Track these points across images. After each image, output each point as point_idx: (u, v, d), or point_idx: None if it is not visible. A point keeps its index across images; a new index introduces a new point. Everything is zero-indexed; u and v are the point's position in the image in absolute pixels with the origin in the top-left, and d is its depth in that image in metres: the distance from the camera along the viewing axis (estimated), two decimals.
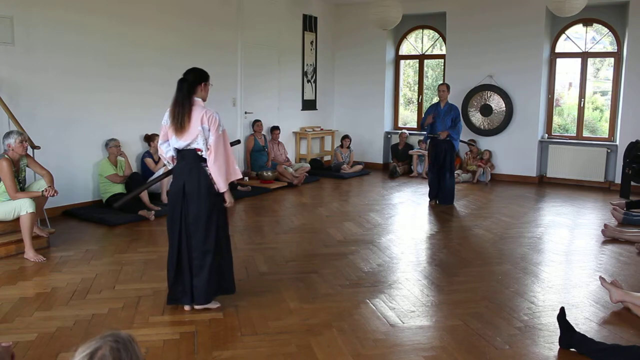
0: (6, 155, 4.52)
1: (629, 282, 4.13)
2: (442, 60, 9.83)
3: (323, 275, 4.23)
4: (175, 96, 3.38)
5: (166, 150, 3.50)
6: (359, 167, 9.59)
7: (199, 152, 3.37)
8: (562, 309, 3.15)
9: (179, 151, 3.44)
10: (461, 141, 8.59)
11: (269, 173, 8.18)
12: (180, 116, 3.32)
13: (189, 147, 3.38)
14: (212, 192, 3.41)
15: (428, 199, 7.23)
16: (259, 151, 8.49)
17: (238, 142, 4.40)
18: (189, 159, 3.40)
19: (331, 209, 6.68)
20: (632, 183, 7.27)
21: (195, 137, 3.32)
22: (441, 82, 9.34)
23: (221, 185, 3.38)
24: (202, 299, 3.48)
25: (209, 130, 3.32)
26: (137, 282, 4.04)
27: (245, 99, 8.52)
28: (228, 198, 3.47)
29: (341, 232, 5.61)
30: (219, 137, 3.33)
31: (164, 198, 6.51)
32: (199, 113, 3.32)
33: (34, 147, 5.29)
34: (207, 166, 3.37)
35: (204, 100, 3.43)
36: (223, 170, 3.36)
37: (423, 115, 7.40)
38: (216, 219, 3.45)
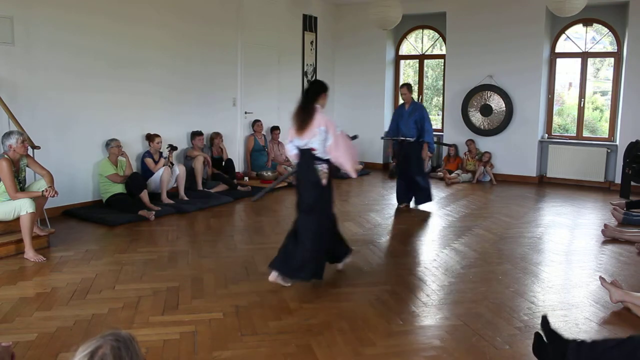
0: (6, 156, 4.52)
1: (629, 282, 4.13)
2: (442, 60, 9.83)
3: (323, 275, 4.22)
4: (300, 102, 4.00)
5: (290, 149, 4.09)
6: (359, 167, 9.55)
7: (314, 152, 3.91)
8: (545, 318, 2.80)
9: (299, 150, 3.99)
10: (439, 143, 8.50)
11: (269, 173, 8.18)
12: (301, 119, 3.91)
13: (306, 147, 3.93)
14: (320, 185, 3.95)
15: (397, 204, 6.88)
16: (259, 151, 8.49)
17: (356, 137, 4.95)
18: (306, 157, 3.97)
19: None
20: (632, 183, 7.26)
21: (312, 137, 3.87)
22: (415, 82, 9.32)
23: (348, 169, 3.98)
24: (288, 272, 3.94)
25: (327, 132, 3.86)
26: (137, 282, 4.04)
27: (245, 99, 8.52)
28: (354, 172, 4.08)
29: (341, 232, 5.59)
30: (337, 135, 3.91)
31: (164, 198, 6.52)
32: (319, 117, 3.90)
33: (34, 147, 5.28)
34: (319, 164, 3.93)
35: (322, 107, 4.01)
36: (346, 158, 3.94)
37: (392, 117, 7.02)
38: (320, 207, 3.99)
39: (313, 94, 3.98)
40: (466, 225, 5.99)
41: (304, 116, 3.91)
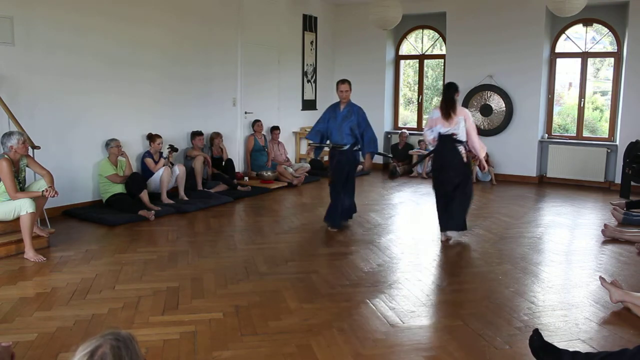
0: (6, 156, 4.52)
1: (629, 282, 4.13)
2: (442, 60, 9.83)
3: (323, 275, 4.23)
4: (445, 98, 5.15)
5: (429, 134, 5.22)
6: (359, 167, 9.55)
7: (454, 136, 5.06)
8: (537, 332, 2.83)
9: (440, 135, 5.12)
10: (380, 154, 8.13)
11: (269, 173, 8.18)
12: (448, 110, 5.06)
13: (447, 133, 5.06)
14: (463, 162, 5.14)
15: (328, 227, 5.68)
16: (259, 151, 8.49)
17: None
18: (447, 142, 5.11)
19: None
20: (632, 183, 7.27)
21: (455, 125, 5.04)
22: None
23: (478, 152, 5.20)
24: (458, 227, 5.22)
25: (464, 120, 5.05)
26: (137, 282, 4.04)
27: (245, 99, 8.52)
28: (483, 153, 5.28)
29: (341, 232, 5.60)
30: (471, 125, 5.12)
31: (164, 198, 6.52)
32: (458, 110, 5.11)
33: (34, 147, 5.28)
34: (460, 146, 5.09)
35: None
36: (477, 145, 5.18)
37: (320, 117, 6.07)
38: (466, 176, 5.21)
39: (453, 91, 5.11)
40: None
41: (449, 109, 5.04)
